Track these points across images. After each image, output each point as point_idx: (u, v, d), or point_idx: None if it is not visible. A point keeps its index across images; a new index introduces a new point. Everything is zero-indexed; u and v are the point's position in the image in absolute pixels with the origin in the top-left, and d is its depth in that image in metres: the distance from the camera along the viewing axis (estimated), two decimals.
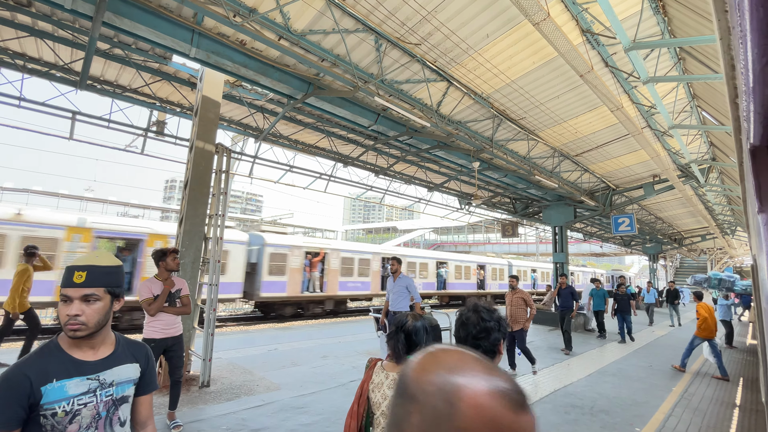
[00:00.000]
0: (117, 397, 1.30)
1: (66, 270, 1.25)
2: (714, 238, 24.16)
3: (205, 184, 5.76)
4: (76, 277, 1.22)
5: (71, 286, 1.22)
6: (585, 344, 9.90)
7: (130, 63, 6.66)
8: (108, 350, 1.32)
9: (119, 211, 38.74)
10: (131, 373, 1.36)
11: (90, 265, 1.26)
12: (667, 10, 5.22)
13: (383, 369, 1.78)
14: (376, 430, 1.67)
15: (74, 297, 1.21)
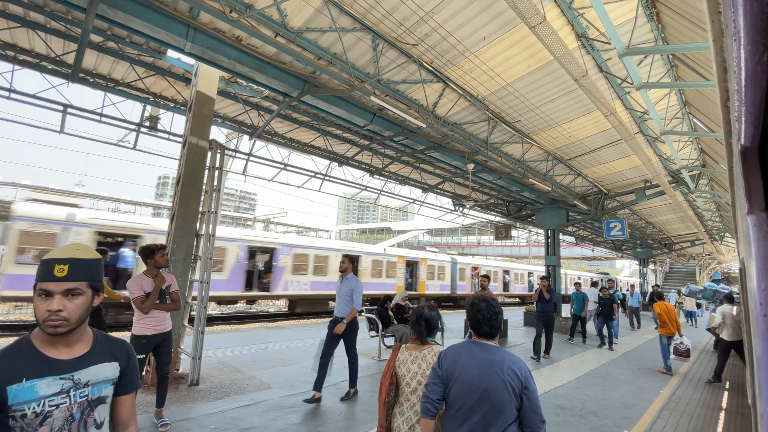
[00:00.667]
0: (93, 397, 1.24)
1: (44, 263, 1.18)
2: (703, 243, 24.52)
3: (198, 181, 5.71)
4: (58, 271, 1.16)
5: (52, 280, 1.16)
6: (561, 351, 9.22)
7: (123, 57, 6.58)
8: (84, 348, 1.26)
9: (110, 206, 38.26)
10: (109, 373, 1.30)
11: (72, 258, 1.21)
12: (661, 18, 5.29)
13: (407, 349, 2.28)
14: (401, 397, 2.19)
15: (56, 291, 1.16)
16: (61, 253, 1.21)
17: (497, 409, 1.74)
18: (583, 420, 4.77)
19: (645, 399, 5.82)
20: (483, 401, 1.76)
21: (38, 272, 1.18)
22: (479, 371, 1.80)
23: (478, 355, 1.86)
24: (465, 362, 1.86)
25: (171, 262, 5.37)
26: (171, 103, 8.09)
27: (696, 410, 5.51)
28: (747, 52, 0.49)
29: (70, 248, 1.24)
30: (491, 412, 1.75)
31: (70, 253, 1.22)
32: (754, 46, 0.48)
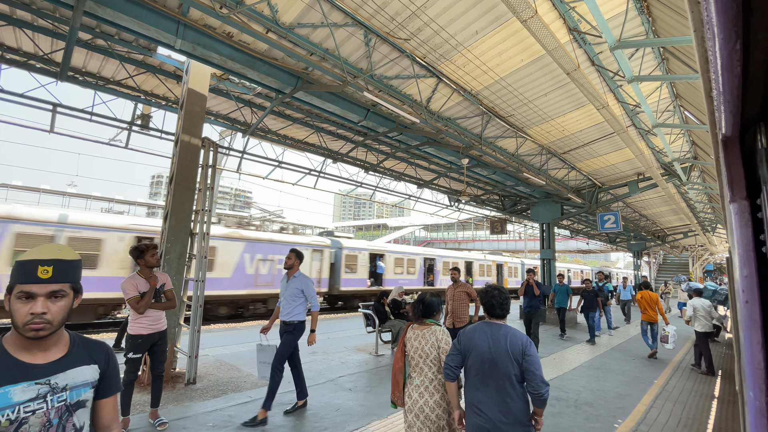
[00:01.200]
0: (71, 402, 1.20)
1: (24, 264, 1.14)
2: (695, 235, 24.80)
3: (191, 179, 5.68)
4: (41, 272, 1.13)
5: (36, 282, 1.13)
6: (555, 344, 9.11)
7: (113, 54, 6.50)
8: (61, 351, 1.22)
9: (103, 207, 37.91)
10: (88, 376, 1.26)
11: (57, 259, 1.18)
12: (651, 11, 5.31)
13: (412, 329, 2.77)
14: (410, 368, 2.69)
15: (40, 294, 1.12)
16: (43, 254, 1.17)
17: (504, 373, 2.20)
18: (579, 411, 4.84)
19: (639, 389, 5.90)
20: (493, 368, 2.23)
21: (17, 273, 1.13)
22: (488, 345, 2.27)
23: (488, 332, 2.33)
24: (478, 339, 2.34)
25: (166, 261, 5.36)
26: (163, 101, 8.01)
27: (689, 399, 5.60)
28: (720, 40, 0.50)
29: (52, 249, 1.20)
30: (499, 375, 2.21)
31: (53, 253, 1.18)
32: (726, 34, 0.49)
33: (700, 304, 7.24)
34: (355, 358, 6.92)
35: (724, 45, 0.51)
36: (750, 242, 0.87)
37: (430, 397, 2.55)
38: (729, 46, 0.51)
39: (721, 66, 0.55)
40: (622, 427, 4.45)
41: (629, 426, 4.49)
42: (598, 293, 9.99)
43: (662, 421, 4.69)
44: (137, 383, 5.04)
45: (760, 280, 0.85)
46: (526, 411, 2.21)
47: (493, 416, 2.19)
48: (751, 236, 0.87)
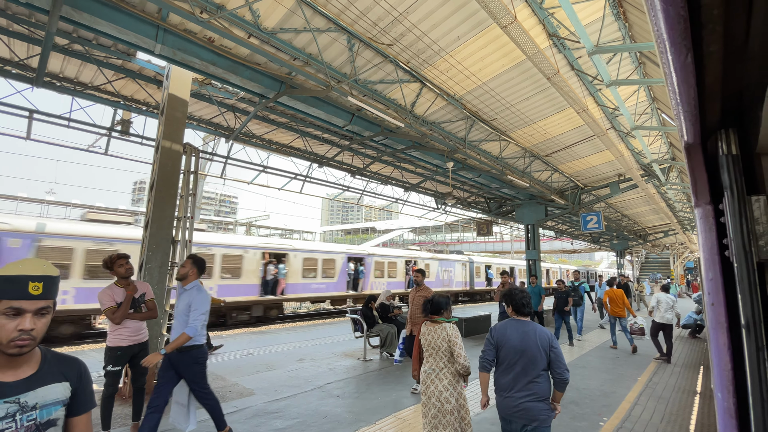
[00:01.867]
0: (41, 421, 1.17)
1: (13, 279, 1.11)
2: (675, 233, 25.49)
3: (173, 186, 5.57)
4: (33, 288, 1.12)
5: (27, 298, 1.11)
6: None
7: (91, 59, 6.36)
8: (31, 369, 1.19)
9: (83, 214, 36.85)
10: (59, 394, 1.23)
11: (46, 275, 1.16)
12: (627, 16, 5.46)
13: (426, 325, 3.24)
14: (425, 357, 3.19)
15: (29, 310, 1.11)
16: (33, 269, 1.15)
17: (532, 362, 2.60)
18: (565, 410, 4.89)
19: (623, 386, 6.01)
20: (522, 358, 2.62)
21: (4, 289, 1.10)
22: (519, 339, 2.66)
23: (518, 327, 2.72)
24: (509, 333, 2.71)
25: (147, 270, 5.23)
26: (143, 107, 7.86)
27: (672, 395, 5.72)
28: (672, 54, 0.51)
29: (39, 264, 1.18)
30: (528, 364, 2.61)
31: (41, 269, 1.17)
32: (677, 48, 0.50)
33: (664, 298, 7.92)
34: (344, 364, 6.87)
35: (676, 58, 0.52)
36: (714, 246, 0.89)
37: (440, 382, 3.02)
38: (681, 59, 0.52)
39: (676, 78, 0.57)
40: (607, 425, 4.52)
41: (614, 424, 4.56)
42: (570, 293, 9.46)
43: (646, 418, 4.78)
44: (118, 396, 4.89)
45: (725, 283, 0.88)
46: (547, 392, 2.64)
47: (519, 396, 2.60)
48: (715, 240, 0.89)
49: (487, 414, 4.45)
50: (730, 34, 0.55)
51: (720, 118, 0.79)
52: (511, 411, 2.62)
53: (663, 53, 0.54)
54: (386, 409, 4.74)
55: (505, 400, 2.67)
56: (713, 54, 0.56)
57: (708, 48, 0.54)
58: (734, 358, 0.84)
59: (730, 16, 0.53)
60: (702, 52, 0.55)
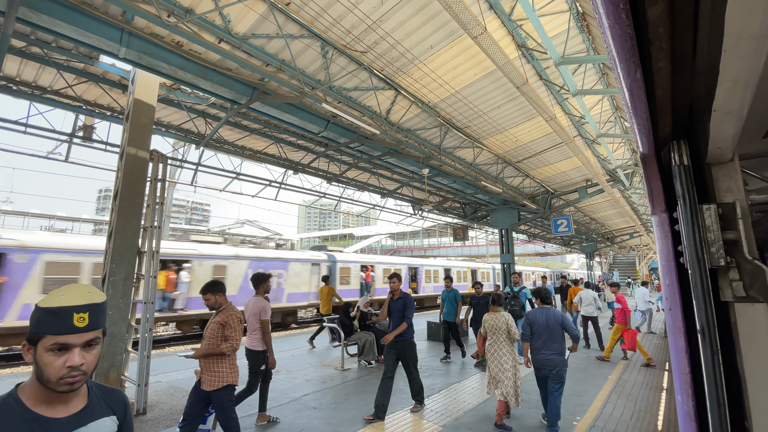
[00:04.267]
0: None
1: (56, 312, 1.00)
2: (640, 235, 26.71)
3: (138, 194, 5.34)
4: (78, 320, 1.01)
5: (73, 332, 1.00)
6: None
7: (50, 63, 6.04)
8: (81, 403, 1.10)
9: (44, 224, 34.88)
10: (108, 428, 1.16)
11: (91, 303, 1.06)
12: (591, 30, 5.72)
13: (489, 313, 4.79)
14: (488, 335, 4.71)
15: (76, 344, 1.01)
16: (76, 299, 1.04)
17: (554, 332, 4.25)
18: (540, 410, 4.97)
19: (595, 385, 6.18)
20: (546, 330, 4.27)
21: (47, 322, 1.00)
22: (544, 318, 4.32)
23: (543, 312, 4.38)
24: (538, 316, 4.37)
25: (110, 282, 4.97)
26: (107, 112, 7.53)
27: (640, 392, 5.93)
28: (622, 70, 0.53)
29: (82, 292, 1.07)
30: (551, 334, 4.24)
31: (86, 297, 1.06)
32: (626, 65, 0.51)
33: (586, 294, 9.11)
34: (321, 374, 6.74)
35: (626, 74, 0.54)
36: (670, 253, 0.92)
37: (500, 351, 4.58)
38: (631, 75, 0.54)
39: (628, 93, 0.58)
40: (580, 424, 4.63)
41: (587, 422, 4.67)
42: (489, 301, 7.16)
43: (617, 416, 4.93)
44: None
45: (681, 289, 0.91)
46: (563, 350, 4.24)
47: (546, 353, 4.23)
48: (671, 247, 0.92)
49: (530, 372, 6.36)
50: (678, 51, 0.58)
51: (672, 130, 0.82)
52: (541, 363, 4.27)
53: (615, 69, 0.56)
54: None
55: (537, 356, 4.30)
56: (662, 70, 0.58)
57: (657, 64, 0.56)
58: (692, 361, 0.87)
59: (676, 33, 0.56)
60: (651, 68, 0.57)
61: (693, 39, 0.58)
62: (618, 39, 0.48)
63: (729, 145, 0.76)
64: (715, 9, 0.47)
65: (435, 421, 4.66)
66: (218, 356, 3.22)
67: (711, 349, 0.75)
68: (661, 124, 0.79)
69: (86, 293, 1.07)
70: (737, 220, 0.80)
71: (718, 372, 0.73)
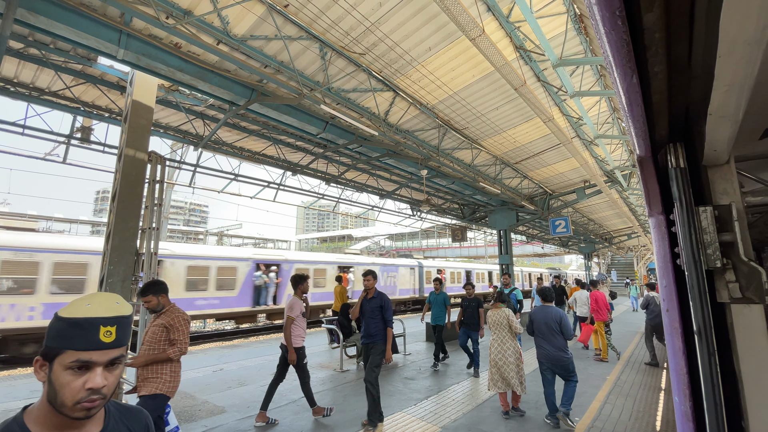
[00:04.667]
0: None
1: (81, 324, 0.87)
2: (638, 236, 26.78)
3: (137, 196, 5.33)
4: (105, 335, 0.88)
5: (99, 348, 0.87)
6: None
7: (48, 64, 6.03)
8: (96, 428, 0.96)
9: (42, 226, 34.74)
10: None
11: (120, 316, 0.93)
12: (588, 31, 5.74)
13: (491, 309, 5.14)
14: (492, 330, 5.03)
15: (99, 362, 0.87)
16: (104, 309, 0.91)
17: (552, 329, 4.50)
18: (539, 412, 4.98)
19: (593, 386, 6.19)
20: (546, 327, 4.54)
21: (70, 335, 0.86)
22: (543, 316, 4.59)
23: (543, 309, 4.69)
24: (539, 313, 4.67)
25: (108, 284, 4.96)
26: (105, 113, 7.52)
27: (639, 392, 5.94)
28: (619, 75, 0.53)
29: (110, 301, 0.94)
30: (549, 331, 4.51)
31: (114, 308, 0.93)
32: (622, 70, 0.52)
33: (580, 295, 9.23)
34: (319, 376, 6.73)
35: (622, 79, 0.55)
36: (667, 255, 0.93)
37: (503, 345, 4.87)
38: (627, 79, 0.54)
39: (625, 97, 0.59)
40: (579, 425, 4.63)
41: (586, 423, 4.67)
42: (481, 303, 7.16)
43: (615, 416, 4.93)
44: None
45: (678, 290, 0.91)
46: (564, 345, 4.52)
47: (548, 348, 4.54)
48: (668, 249, 0.93)
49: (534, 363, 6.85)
50: (673, 56, 0.59)
51: (668, 133, 0.83)
52: (543, 358, 4.60)
53: (611, 73, 0.57)
54: (361, 420, 4.66)
55: (539, 350, 4.66)
56: (658, 74, 0.59)
57: (653, 68, 0.57)
58: (689, 362, 0.87)
59: (671, 39, 0.56)
60: (648, 72, 0.58)
61: (688, 44, 0.59)
62: (614, 45, 0.48)
63: (725, 147, 0.77)
64: (709, 16, 0.48)
65: (433, 422, 4.66)
66: (162, 362, 2.89)
67: (708, 349, 0.76)
68: (658, 127, 0.80)
69: (114, 303, 0.94)
70: (733, 222, 0.80)
71: (714, 372, 0.74)
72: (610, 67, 0.55)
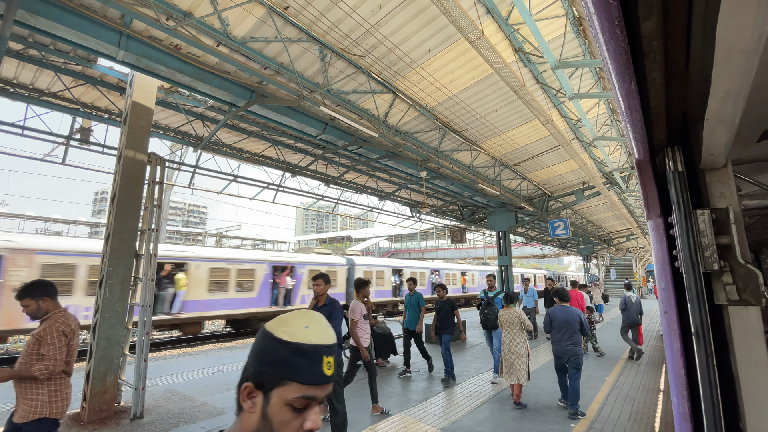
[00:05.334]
0: None
1: (308, 352, 0.74)
2: (637, 238, 26.84)
3: (136, 197, 5.33)
4: (327, 367, 0.75)
5: (323, 382, 0.75)
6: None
7: (47, 65, 6.03)
8: None
9: (39, 227, 34.70)
10: None
11: (334, 344, 0.79)
12: (587, 33, 5.77)
13: (503, 309, 5.75)
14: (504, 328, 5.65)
15: (318, 399, 0.75)
16: (323, 336, 0.77)
17: (571, 326, 5.09)
18: (538, 413, 4.99)
19: (593, 387, 6.21)
20: (566, 325, 5.11)
21: (297, 365, 0.73)
22: (564, 315, 5.16)
23: (562, 309, 5.25)
24: (558, 312, 5.25)
25: (107, 285, 4.96)
26: (105, 114, 7.52)
27: (638, 394, 5.96)
28: (617, 81, 0.54)
29: (323, 326, 0.80)
30: (568, 328, 5.10)
31: (330, 335, 0.79)
32: (620, 76, 0.53)
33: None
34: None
35: (621, 85, 0.56)
36: (665, 257, 0.94)
37: (514, 341, 5.47)
38: (625, 86, 0.55)
39: (623, 103, 0.60)
40: (578, 426, 4.64)
41: (585, 424, 4.69)
42: (454, 305, 6.77)
43: (615, 418, 4.95)
44: (77, 421, 4.58)
45: (677, 292, 0.92)
46: (579, 341, 5.13)
47: (565, 344, 5.10)
48: (666, 251, 0.94)
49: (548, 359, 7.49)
50: (671, 62, 0.60)
51: (666, 137, 0.84)
52: (561, 353, 5.13)
53: (610, 79, 0.58)
54: (362, 422, 4.67)
55: (557, 346, 5.19)
56: (656, 80, 0.60)
57: (651, 75, 0.58)
58: (687, 363, 0.88)
59: (669, 46, 0.58)
60: (646, 78, 0.59)
61: (686, 51, 0.60)
62: (613, 53, 0.49)
63: (722, 151, 0.78)
64: (706, 24, 0.49)
65: (433, 423, 4.66)
66: (31, 380, 2.49)
67: (705, 351, 0.77)
68: (656, 131, 0.81)
69: (326, 327, 0.80)
70: (730, 225, 0.81)
71: (712, 374, 0.75)
72: (609, 74, 0.57)
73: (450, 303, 6.79)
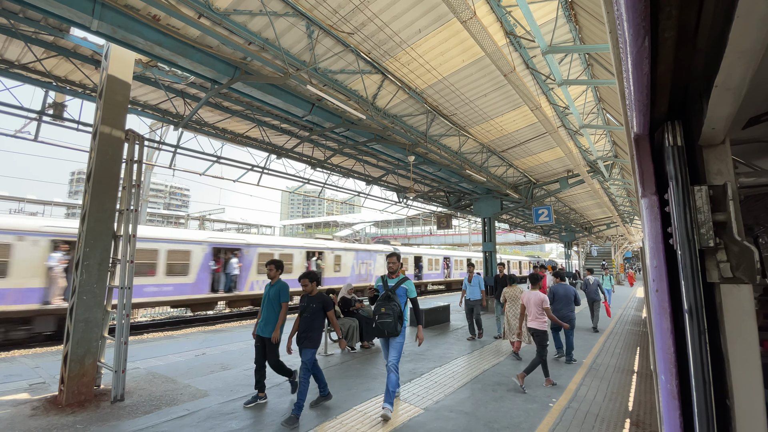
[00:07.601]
0: None
1: None
2: (616, 226, 27.53)
3: (113, 176, 5.12)
4: None
5: None
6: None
7: (17, 35, 5.65)
8: None
9: (13, 207, 33.33)
10: None
11: None
12: (578, 19, 5.72)
13: (508, 287, 7.39)
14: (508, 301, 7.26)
15: None
16: None
17: (569, 299, 6.79)
18: (518, 394, 5.12)
19: (570, 369, 6.40)
20: (566, 298, 6.79)
21: None
22: (564, 291, 6.81)
23: (563, 286, 6.87)
24: (560, 289, 6.85)
25: (84, 267, 4.79)
26: (79, 89, 7.16)
27: (613, 375, 6.18)
28: (630, 36, 0.50)
29: None
30: (567, 301, 6.78)
31: None
32: (635, 29, 0.49)
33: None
34: None
35: (633, 41, 0.51)
36: (659, 235, 0.93)
37: (515, 308, 7.00)
38: (638, 42, 0.51)
39: (631, 63, 0.56)
40: (556, 405, 4.79)
41: (562, 404, 4.84)
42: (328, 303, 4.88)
43: (591, 397, 5.12)
44: (55, 404, 4.48)
45: (669, 271, 0.91)
46: (574, 309, 6.74)
47: (564, 310, 6.68)
48: (660, 229, 0.92)
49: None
50: (684, 20, 0.56)
51: (667, 110, 0.81)
52: (560, 316, 6.50)
53: (621, 36, 0.53)
54: (347, 402, 4.71)
55: (558, 313, 6.57)
56: (667, 41, 0.56)
57: (663, 33, 0.54)
58: (676, 341, 0.88)
59: (683, 3, 0.54)
60: (657, 38, 0.55)
61: (698, 10, 0.57)
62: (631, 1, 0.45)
63: (723, 125, 0.76)
64: None
65: (416, 403, 4.74)
66: None
67: (698, 329, 0.76)
68: (658, 103, 0.78)
69: None
70: (727, 202, 0.80)
71: (704, 351, 0.74)
72: (621, 28, 0.52)
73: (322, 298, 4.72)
